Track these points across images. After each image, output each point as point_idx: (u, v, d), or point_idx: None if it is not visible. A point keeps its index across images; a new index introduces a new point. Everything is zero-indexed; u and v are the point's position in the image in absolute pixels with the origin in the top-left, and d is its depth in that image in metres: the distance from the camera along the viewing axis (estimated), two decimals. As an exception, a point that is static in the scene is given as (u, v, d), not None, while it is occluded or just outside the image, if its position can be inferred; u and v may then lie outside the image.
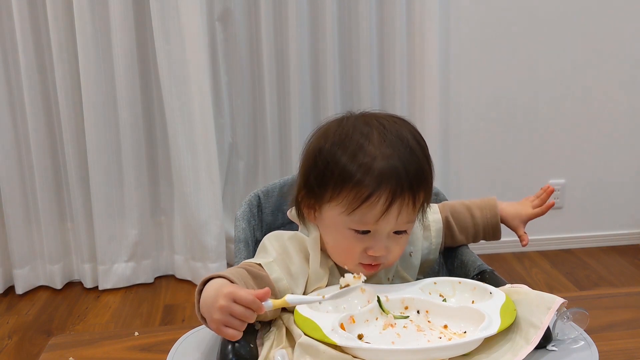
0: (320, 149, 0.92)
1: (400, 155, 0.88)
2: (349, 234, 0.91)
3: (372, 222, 0.89)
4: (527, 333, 0.81)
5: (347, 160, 0.88)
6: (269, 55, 2.54)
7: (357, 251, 0.92)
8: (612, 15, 2.72)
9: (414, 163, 0.89)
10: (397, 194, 0.87)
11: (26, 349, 2.18)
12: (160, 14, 2.40)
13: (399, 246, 0.94)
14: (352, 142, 0.89)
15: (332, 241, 0.94)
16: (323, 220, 0.94)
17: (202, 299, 0.80)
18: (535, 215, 1.08)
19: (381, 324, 0.88)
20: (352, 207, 0.88)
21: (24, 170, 2.56)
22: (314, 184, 0.93)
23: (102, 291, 2.63)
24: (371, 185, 0.87)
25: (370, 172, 0.87)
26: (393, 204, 0.88)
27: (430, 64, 2.60)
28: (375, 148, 0.88)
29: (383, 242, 0.91)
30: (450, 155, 2.79)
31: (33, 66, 2.46)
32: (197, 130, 2.50)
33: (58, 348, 0.90)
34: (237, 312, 0.75)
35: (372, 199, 0.87)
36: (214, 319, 0.76)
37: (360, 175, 0.87)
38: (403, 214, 0.90)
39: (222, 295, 0.76)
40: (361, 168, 0.87)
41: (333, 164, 0.89)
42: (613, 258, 2.84)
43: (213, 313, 0.76)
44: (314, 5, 2.52)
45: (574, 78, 2.77)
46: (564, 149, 2.85)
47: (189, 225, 2.60)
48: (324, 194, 0.92)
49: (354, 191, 0.88)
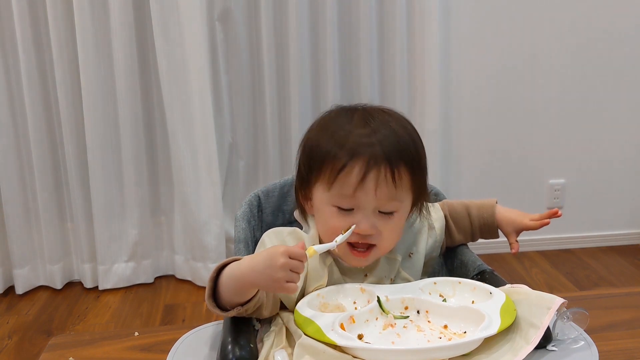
0: (307, 137, 0.98)
1: (377, 131, 0.91)
2: (334, 212, 0.92)
3: (350, 194, 0.90)
4: (527, 333, 0.81)
5: (326, 140, 0.92)
6: (269, 55, 2.54)
7: (339, 228, 0.91)
8: (612, 15, 2.72)
9: (391, 138, 0.91)
10: (372, 164, 0.88)
11: (26, 349, 2.18)
12: (160, 14, 2.40)
13: (389, 229, 0.93)
14: (333, 125, 0.94)
15: (322, 224, 0.95)
16: (315, 206, 0.96)
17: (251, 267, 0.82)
18: (529, 227, 1.07)
19: (381, 324, 0.88)
20: (330, 180, 0.90)
21: (24, 170, 2.56)
22: (304, 171, 0.96)
23: (102, 291, 2.63)
24: (345, 156, 0.89)
25: (345, 145, 0.90)
26: (368, 174, 0.89)
27: (430, 63, 2.60)
28: (353, 126, 0.91)
29: (368, 218, 0.91)
30: (450, 155, 2.79)
31: (33, 66, 2.46)
32: (197, 130, 2.50)
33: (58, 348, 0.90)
34: (295, 266, 0.81)
35: (346, 169, 0.89)
36: (276, 277, 0.80)
37: (335, 149, 0.90)
38: (381, 188, 0.90)
39: (279, 253, 0.80)
40: (337, 143, 0.91)
41: (315, 146, 0.94)
42: (613, 258, 2.84)
43: (275, 273, 0.80)
44: (314, 5, 2.52)
45: (574, 78, 2.77)
46: (564, 149, 2.85)
47: (189, 225, 2.60)
48: (310, 177, 0.95)
49: (330, 165, 0.90)
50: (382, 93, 2.65)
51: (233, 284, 0.84)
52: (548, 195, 2.90)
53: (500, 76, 2.74)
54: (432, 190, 1.21)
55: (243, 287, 0.83)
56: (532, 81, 2.76)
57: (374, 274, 0.98)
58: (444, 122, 2.73)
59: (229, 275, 0.84)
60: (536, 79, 2.76)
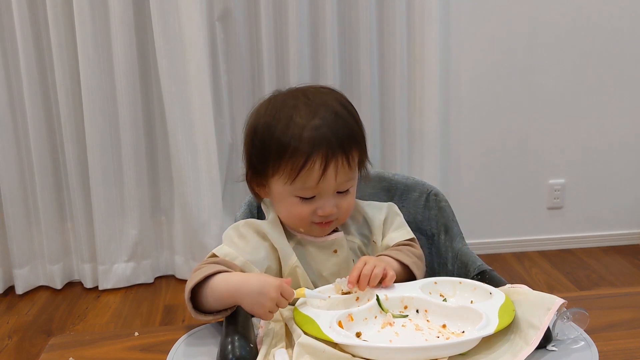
0: (254, 128, 1.00)
1: (327, 122, 0.96)
2: (296, 201, 0.98)
3: (314, 186, 0.96)
4: (526, 334, 0.81)
5: (279, 134, 0.95)
6: (269, 55, 2.54)
7: (307, 214, 0.99)
8: (612, 15, 2.72)
9: (341, 126, 0.97)
10: (330, 157, 0.95)
11: (26, 349, 2.18)
12: (160, 14, 2.40)
13: (346, 202, 1.01)
14: (282, 117, 0.97)
15: (284, 211, 1.01)
16: (273, 194, 1.02)
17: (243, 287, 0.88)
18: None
19: (380, 323, 0.88)
20: (292, 176, 0.95)
21: (24, 170, 2.56)
22: (256, 163, 1.00)
23: (102, 291, 2.63)
24: (305, 153, 0.94)
25: (301, 141, 0.94)
26: (328, 166, 0.95)
27: (430, 63, 2.60)
28: (303, 119, 0.96)
29: (330, 201, 0.98)
30: (450, 155, 2.79)
31: (33, 66, 2.46)
32: (197, 130, 2.50)
33: (58, 348, 0.90)
34: (282, 302, 0.87)
35: (308, 165, 0.94)
36: (264, 305, 0.86)
37: (293, 146, 0.94)
38: (340, 174, 0.97)
39: (274, 287, 0.86)
40: (293, 139, 0.94)
41: (268, 140, 0.97)
42: (613, 258, 2.84)
43: (265, 301, 0.86)
44: (314, 5, 2.52)
45: (574, 78, 2.77)
46: (564, 149, 2.85)
47: (189, 225, 2.60)
48: (266, 169, 0.99)
49: (290, 161, 0.95)
50: (382, 93, 2.65)
51: (219, 294, 0.90)
52: (548, 195, 2.90)
53: (500, 76, 2.74)
54: (432, 191, 1.21)
55: (228, 299, 0.89)
56: (532, 81, 2.76)
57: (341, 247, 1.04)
58: (444, 122, 2.74)
59: (218, 285, 0.90)
60: (536, 79, 2.76)
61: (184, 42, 2.43)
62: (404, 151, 2.69)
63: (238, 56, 2.57)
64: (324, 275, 1.03)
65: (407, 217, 1.17)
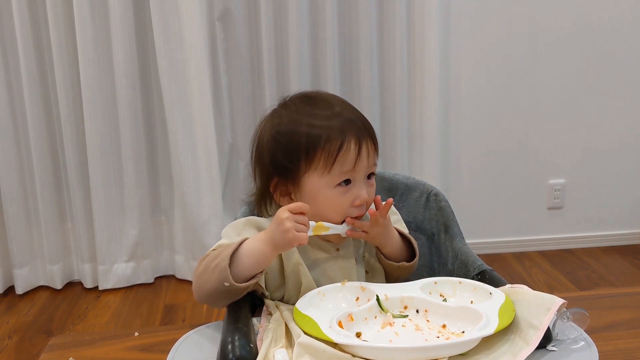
0: (277, 129, 1.00)
1: (347, 109, 1.01)
2: (334, 193, 0.98)
3: (351, 169, 0.98)
4: (526, 334, 0.81)
5: (307, 128, 0.98)
6: (269, 55, 2.54)
7: (345, 207, 0.99)
8: (612, 15, 2.72)
9: (358, 112, 1.02)
10: (362, 137, 0.99)
11: (26, 349, 2.18)
12: (160, 14, 2.40)
13: (373, 190, 1.03)
14: (303, 113, 1.00)
15: (320, 208, 0.99)
16: (304, 193, 1.00)
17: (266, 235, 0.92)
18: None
19: (380, 323, 0.88)
20: (329, 163, 0.97)
21: (24, 170, 2.56)
22: (284, 162, 0.99)
23: (102, 291, 2.63)
24: (338, 137, 0.97)
25: (331, 128, 0.97)
26: (362, 146, 0.98)
27: (430, 63, 2.60)
28: (325, 110, 1.00)
29: (364, 188, 1.00)
30: (450, 155, 2.80)
31: (33, 66, 2.46)
32: (197, 130, 2.50)
33: (58, 348, 0.90)
34: (299, 219, 0.90)
35: (344, 147, 0.97)
36: (286, 228, 0.89)
37: (325, 134, 0.97)
38: (371, 155, 1.00)
39: (281, 211, 0.91)
40: (323, 128, 0.97)
41: (296, 135, 0.98)
42: (613, 258, 2.84)
43: (283, 225, 0.90)
44: (314, 5, 2.52)
45: (574, 78, 2.77)
46: (564, 149, 2.85)
47: (189, 225, 2.60)
48: (298, 166, 0.98)
49: (325, 149, 0.97)
50: (382, 93, 2.65)
51: (254, 256, 0.91)
52: (548, 195, 2.90)
53: (500, 76, 2.75)
54: (433, 191, 1.21)
55: (263, 254, 0.91)
56: (532, 81, 2.76)
57: (345, 247, 1.05)
58: (444, 122, 2.74)
59: (248, 250, 0.92)
60: (536, 79, 2.76)
61: (184, 42, 2.43)
62: (404, 151, 2.69)
63: (238, 56, 2.57)
64: (327, 272, 1.03)
65: (407, 217, 1.17)
